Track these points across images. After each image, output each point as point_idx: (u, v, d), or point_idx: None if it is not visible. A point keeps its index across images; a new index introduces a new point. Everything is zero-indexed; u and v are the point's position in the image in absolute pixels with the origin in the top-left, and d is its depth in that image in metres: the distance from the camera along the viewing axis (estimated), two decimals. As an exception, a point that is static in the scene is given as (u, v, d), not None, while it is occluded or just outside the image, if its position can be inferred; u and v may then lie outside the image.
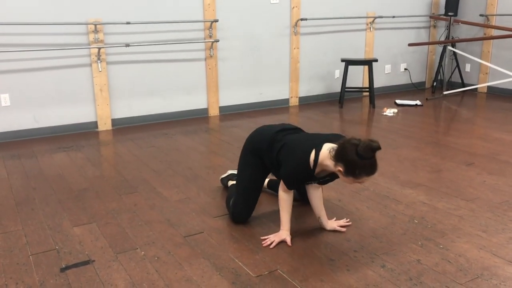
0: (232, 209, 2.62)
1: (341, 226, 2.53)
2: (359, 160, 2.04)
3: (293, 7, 5.58)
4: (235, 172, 3.11)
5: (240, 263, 2.20)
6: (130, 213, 2.76)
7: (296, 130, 2.56)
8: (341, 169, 2.11)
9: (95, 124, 4.75)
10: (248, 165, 2.58)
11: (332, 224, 2.53)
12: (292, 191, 2.40)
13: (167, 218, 2.68)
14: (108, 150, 4.10)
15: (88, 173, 3.47)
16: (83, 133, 4.65)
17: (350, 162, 2.07)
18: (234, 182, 3.02)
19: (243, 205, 2.59)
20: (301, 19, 5.64)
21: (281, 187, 2.38)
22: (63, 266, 2.19)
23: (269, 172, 2.60)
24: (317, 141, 2.26)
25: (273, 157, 2.41)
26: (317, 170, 2.25)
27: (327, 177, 2.36)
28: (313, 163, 2.21)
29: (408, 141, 4.19)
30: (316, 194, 2.49)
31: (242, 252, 2.29)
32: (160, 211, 2.78)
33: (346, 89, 5.72)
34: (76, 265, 2.19)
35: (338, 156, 2.12)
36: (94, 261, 2.23)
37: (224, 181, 3.10)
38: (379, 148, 2.04)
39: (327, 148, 2.19)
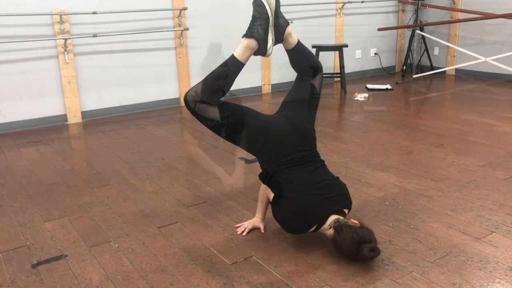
0: (202, 86, 2.29)
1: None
2: (353, 255, 2.03)
3: (263, -6, 5.54)
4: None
5: (215, 251, 2.20)
6: (102, 206, 2.73)
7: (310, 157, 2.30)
8: (330, 237, 2.09)
9: (64, 117, 4.66)
10: (254, 117, 2.33)
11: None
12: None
13: (140, 210, 2.67)
14: (79, 143, 4.03)
15: (58, 167, 3.40)
16: (53, 126, 4.56)
17: (344, 252, 2.06)
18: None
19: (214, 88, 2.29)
20: (271, 6, 5.60)
21: (268, 190, 2.27)
22: (35, 262, 2.15)
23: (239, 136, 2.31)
24: (322, 215, 2.11)
25: (264, 166, 2.28)
26: None
27: None
28: (312, 230, 2.15)
29: (379, 125, 4.25)
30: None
31: (217, 240, 2.30)
32: (134, 203, 2.76)
33: (317, 75, 5.74)
34: (48, 261, 2.16)
35: (336, 241, 2.06)
36: (67, 255, 2.20)
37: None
38: (376, 256, 2.00)
39: (329, 223, 2.09)
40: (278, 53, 6.06)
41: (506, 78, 6.06)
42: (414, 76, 6.36)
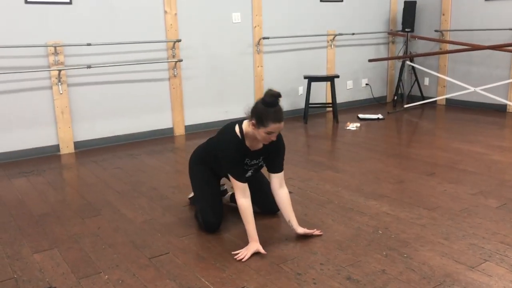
0: (201, 218, 2.69)
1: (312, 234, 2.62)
2: (265, 108, 2.33)
3: (255, 26, 5.66)
4: None
5: (206, 282, 2.17)
6: (93, 237, 2.69)
7: None
8: (254, 122, 2.37)
9: (57, 147, 4.65)
10: (196, 174, 2.82)
11: (302, 228, 2.59)
12: (249, 196, 2.49)
13: (131, 240, 2.63)
14: (71, 173, 4.01)
15: (49, 198, 3.37)
16: (45, 157, 4.54)
17: (258, 113, 2.35)
18: None
19: (208, 209, 2.68)
20: (263, 38, 5.72)
21: (236, 190, 2.48)
22: (22, 294, 2.11)
23: (218, 174, 2.82)
24: (238, 121, 2.55)
25: (212, 155, 2.69)
26: (248, 142, 2.51)
27: (264, 155, 2.60)
28: (239, 134, 2.49)
29: (371, 154, 4.27)
30: (283, 196, 2.59)
31: (209, 271, 2.27)
32: (125, 233, 2.73)
33: (310, 105, 5.81)
34: (36, 293, 2.11)
35: (251, 113, 2.40)
36: (55, 288, 2.16)
37: (192, 199, 3.12)
38: (279, 94, 2.35)
39: (247, 121, 2.48)
40: (271, 84, 6.14)
41: (495, 107, 6.14)
42: (405, 106, 6.44)
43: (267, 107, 2.32)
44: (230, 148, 2.47)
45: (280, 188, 2.59)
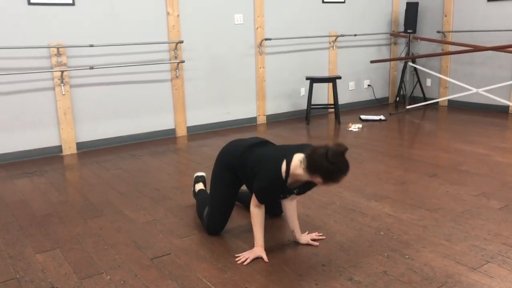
0: (207, 221, 2.66)
1: (314, 240, 2.56)
2: (333, 166, 2.10)
3: (257, 27, 5.67)
4: (200, 174, 3.13)
5: (208, 283, 2.18)
6: (95, 237, 2.70)
7: (266, 143, 2.58)
8: (320, 179, 2.15)
9: (59, 148, 4.66)
10: (221, 179, 2.61)
11: (305, 237, 2.55)
12: (263, 207, 2.41)
13: (133, 241, 2.64)
14: (73, 174, 4.02)
15: (52, 198, 3.38)
16: (47, 157, 4.55)
17: (326, 171, 2.12)
18: (201, 185, 3.03)
19: (218, 218, 2.64)
20: (266, 39, 5.72)
21: (253, 202, 2.38)
22: (25, 295, 2.12)
23: (242, 184, 2.63)
24: (287, 152, 2.29)
25: (246, 172, 2.44)
26: (289, 181, 2.28)
27: (300, 189, 2.38)
28: (285, 174, 2.24)
29: (373, 155, 4.27)
30: (291, 206, 2.52)
31: (211, 272, 2.27)
32: (127, 234, 2.73)
33: (312, 106, 5.81)
34: (38, 293, 2.12)
35: (311, 169, 2.15)
36: (57, 288, 2.17)
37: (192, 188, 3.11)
38: (346, 149, 2.13)
39: (298, 159, 2.23)
40: (273, 85, 6.15)
41: (497, 108, 6.14)
42: (408, 107, 6.43)
43: (335, 165, 2.11)
44: (268, 185, 2.30)
45: (291, 198, 2.53)
